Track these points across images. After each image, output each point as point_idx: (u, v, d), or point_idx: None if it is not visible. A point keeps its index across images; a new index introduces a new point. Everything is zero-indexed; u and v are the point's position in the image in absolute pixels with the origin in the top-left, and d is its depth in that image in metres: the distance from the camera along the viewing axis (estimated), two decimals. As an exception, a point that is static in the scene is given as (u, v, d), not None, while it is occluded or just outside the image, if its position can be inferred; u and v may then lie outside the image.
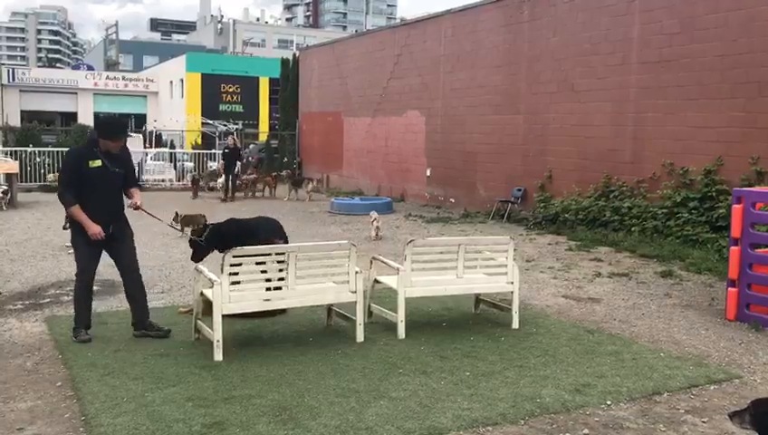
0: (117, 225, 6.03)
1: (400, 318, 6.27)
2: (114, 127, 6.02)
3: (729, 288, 7.11)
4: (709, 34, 11.29)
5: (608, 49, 13.12)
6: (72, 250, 10.33)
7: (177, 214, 12.37)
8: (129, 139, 26.85)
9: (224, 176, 19.56)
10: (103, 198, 5.88)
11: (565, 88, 14.10)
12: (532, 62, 14.94)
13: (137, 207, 6.10)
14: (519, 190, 15.12)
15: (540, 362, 5.67)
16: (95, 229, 5.81)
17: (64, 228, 10.59)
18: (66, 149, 21.42)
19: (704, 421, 4.56)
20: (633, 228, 11.89)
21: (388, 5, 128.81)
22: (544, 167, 14.58)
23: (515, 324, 6.66)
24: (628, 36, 12.72)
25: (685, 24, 11.68)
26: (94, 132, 6.06)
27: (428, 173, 18.49)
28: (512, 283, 6.69)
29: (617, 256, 10.67)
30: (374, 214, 13.03)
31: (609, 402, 4.85)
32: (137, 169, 22.31)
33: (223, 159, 20.11)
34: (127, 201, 6.14)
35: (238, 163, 20.11)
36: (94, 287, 7.71)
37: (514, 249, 6.84)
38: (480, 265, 6.77)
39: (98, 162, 5.83)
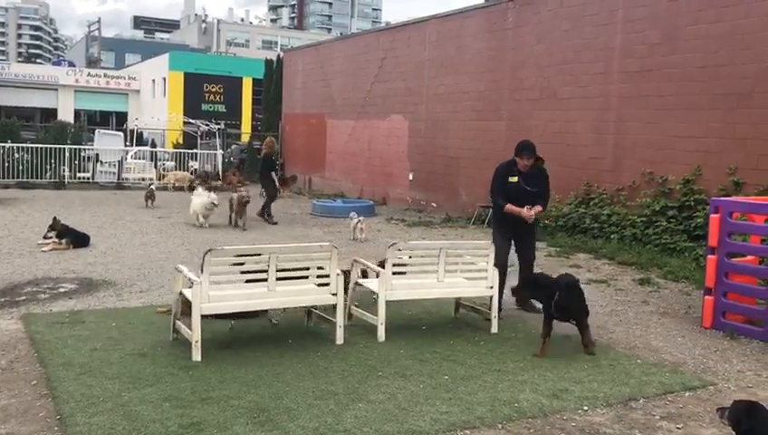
0: (525, 228, 7.40)
1: (380, 321, 6.27)
2: (520, 146, 7.51)
3: (705, 296, 7.19)
4: (690, 46, 11.43)
5: (590, 57, 13.23)
6: (44, 248, 10.27)
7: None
8: (113, 137, 26.04)
9: (271, 193, 14.94)
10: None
11: (548, 95, 14.19)
12: (516, 68, 15.03)
13: (528, 216, 7.25)
14: (500, 196, 15.14)
15: (518, 366, 5.70)
16: (526, 213, 7.24)
17: (45, 237, 10.56)
18: (44, 145, 21.32)
19: (678, 428, 4.61)
20: (612, 236, 11.99)
21: (374, 9, 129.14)
22: (526, 173, 14.62)
23: (494, 329, 6.69)
24: (609, 45, 12.84)
25: (666, 35, 11.81)
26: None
27: (411, 177, 18.52)
28: (491, 287, 6.73)
29: (596, 263, 10.75)
30: (354, 215, 12.99)
31: (585, 408, 4.89)
32: (117, 167, 22.31)
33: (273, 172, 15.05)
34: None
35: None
36: (72, 286, 7.79)
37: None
38: (461, 270, 6.81)
39: (515, 178, 7.31)
